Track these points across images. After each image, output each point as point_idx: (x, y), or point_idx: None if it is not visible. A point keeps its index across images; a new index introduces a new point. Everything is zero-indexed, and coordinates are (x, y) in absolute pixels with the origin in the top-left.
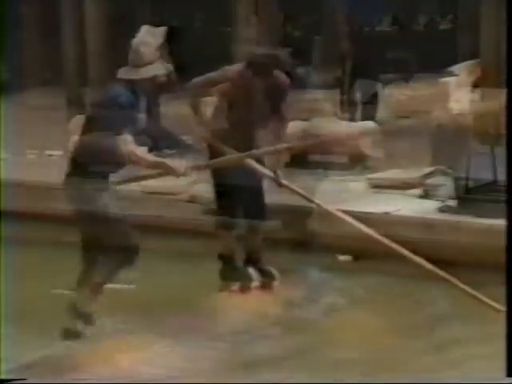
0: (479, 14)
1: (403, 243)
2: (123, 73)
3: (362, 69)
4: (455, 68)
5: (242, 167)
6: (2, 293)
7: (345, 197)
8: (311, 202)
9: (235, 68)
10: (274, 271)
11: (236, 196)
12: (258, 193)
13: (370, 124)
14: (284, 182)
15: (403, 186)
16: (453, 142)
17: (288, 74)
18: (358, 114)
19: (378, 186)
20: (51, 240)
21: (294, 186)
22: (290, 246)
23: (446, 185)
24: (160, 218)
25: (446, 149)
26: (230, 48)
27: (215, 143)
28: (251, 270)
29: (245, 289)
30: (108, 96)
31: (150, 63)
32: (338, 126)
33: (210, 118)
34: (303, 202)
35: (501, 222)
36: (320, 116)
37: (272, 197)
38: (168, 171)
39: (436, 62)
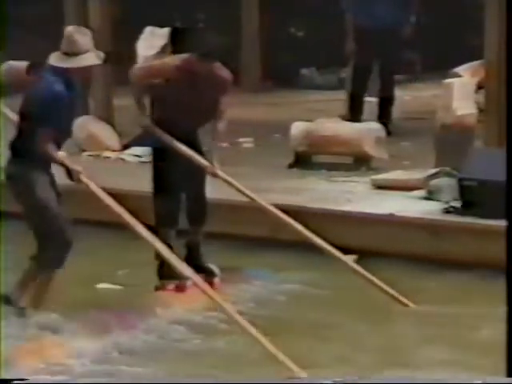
0: (483, 13)
1: (407, 245)
2: (56, 60)
3: (369, 69)
4: (459, 69)
5: (182, 162)
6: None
7: (349, 197)
8: (246, 195)
9: (178, 57)
10: (215, 268)
11: (176, 192)
12: (199, 189)
13: (374, 125)
14: (220, 172)
15: (407, 187)
16: (457, 143)
17: (231, 69)
18: (363, 114)
19: (382, 187)
20: None
21: (229, 178)
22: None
23: (450, 186)
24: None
25: (450, 150)
26: (232, 48)
27: (157, 132)
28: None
29: (180, 287)
30: (42, 88)
31: (85, 52)
32: (341, 127)
33: (151, 106)
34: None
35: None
36: (324, 117)
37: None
38: (66, 168)
39: (441, 63)
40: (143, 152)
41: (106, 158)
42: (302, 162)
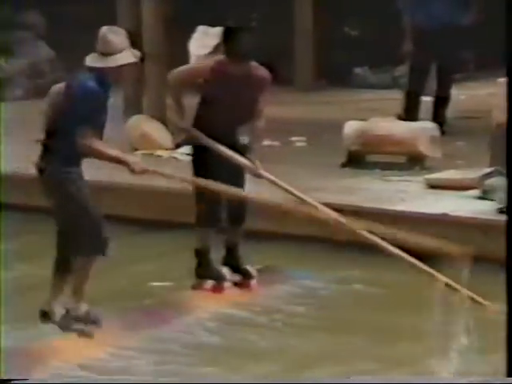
0: None
1: (461, 245)
2: (91, 61)
3: (426, 69)
4: None
5: (223, 162)
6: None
7: (402, 197)
8: (292, 194)
9: (213, 59)
10: (252, 270)
11: (218, 196)
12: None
13: (428, 124)
14: (263, 173)
15: (461, 187)
16: None
17: (270, 69)
18: (418, 114)
19: (436, 187)
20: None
21: (273, 177)
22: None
23: (504, 185)
24: None
25: (504, 149)
26: (285, 47)
27: (197, 134)
28: (225, 270)
29: (217, 288)
30: (76, 87)
31: (120, 51)
32: (395, 126)
33: (195, 110)
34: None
35: None
36: (377, 116)
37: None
38: (124, 166)
39: (494, 61)
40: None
41: (158, 157)
42: (356, 161)
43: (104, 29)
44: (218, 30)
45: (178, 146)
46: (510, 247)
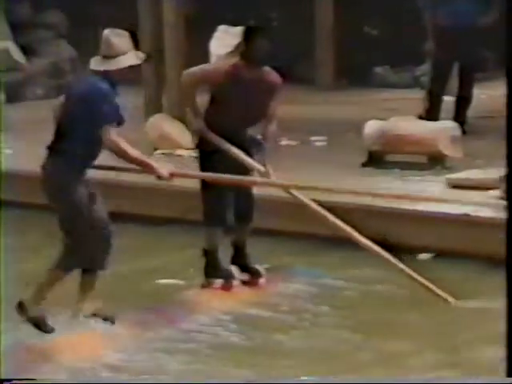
0: None
1: (482, 245)
2: (95, 64)
3: (449, 69)
4: None
5: (229, 159)
6: (2, 293)
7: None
8: (303, 202)
9: (229, 62)
10: (261, 269)
11: (224, 189)
12: (247, 189)
13: (449, 124)
14: (273, 176)
15: (483, 187)
16: None
17: (281, 72)
18: (439, 113)
19: (457, 187)
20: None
21: (279, 181)
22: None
23: None
24: None
25: None
26: (306, 46)
27: (210, 136)
28: (234, 268)
29: (226, 286)
30: (88, 88)
31: (123, 54)
32: (416, 126)
33: (205, 109)
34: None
35: None
36: (398, 115)
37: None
38: (151, 173)
39: None
40: None
41: (178, 157)
42: (376, 160)
43: (107, 31)
44: (238, 30)
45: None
46: (510, 247)
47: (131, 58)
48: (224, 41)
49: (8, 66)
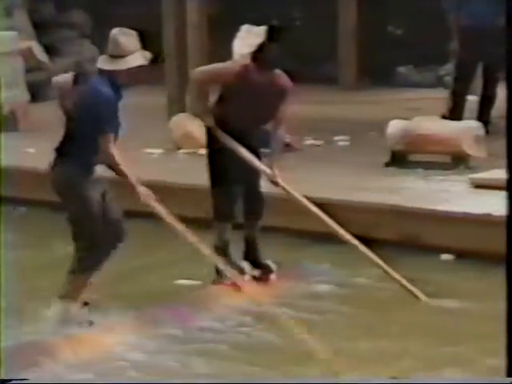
0: None
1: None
2: (102, 63)
3: (473, 69)
4: None
5: (240, 162)
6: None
7: (445, 197)
8: (308, 207)
9: (241, 62)
10: (272, 264)
11: (233, 185)
12: (255, 182)
13: (473, 123)
14: (280, 181)
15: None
16: None
17: (292, 76)
18: (463, 113)
19: (480, 186)
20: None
21: (289, 188)
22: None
23: None
24: None
25: None
26: (330, 46)
27: (220, 134)
28: (244, 264)
29: (237, 282)
30: (91, 91)
31: (130, 54)
32: (439, 126)
33: (213, 107)
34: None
35: None
36: (421, 115)
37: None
38: (131, 190)
39: None
40: None
41: (201, 156)
42: (399, 160)
43: (115, 31)
44: (261, 30)
45: None
46: (510, 246)
47: (138, 58)
48: (247, 40)
49: (31, 66)
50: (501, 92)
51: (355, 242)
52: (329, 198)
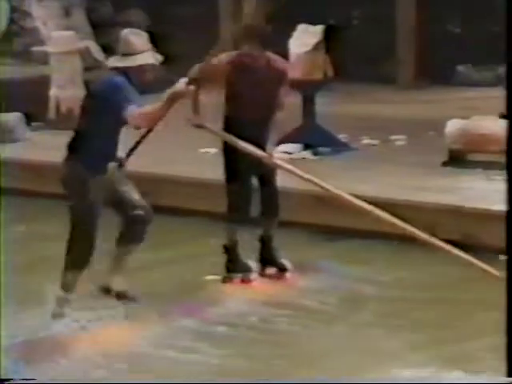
0: None
1: None
2: (113, 61)
3: None
4: None
5: (253, 158)
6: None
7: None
8: (315, 184)
9: (230, 53)
10: (287, 263)
11: (249, 186)
12: (271, 183)
13: None
14: (277, 161)
15: None
16: None
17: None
18: None
19: None
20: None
21: (290, 167)
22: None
23: None
24: None
25: None
26: (388, 46)
27: (212, 129)
28: (251, 262)
29: (245, 280)
30: (102, 84)
31: (140, 52)
32: (499, 125)
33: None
34: None
35: None
36: (480, 114)
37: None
38: (176, 97)
39: None
40: (294, 149)
41: None
42: (457, 160)
43: (126, 31)
44: (318, 29)
45: (277, 144)
46: (510, 245)
47: (149, 56)
48: (304, 40)
49: (89, 65)
50: None
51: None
52: (387, 197)
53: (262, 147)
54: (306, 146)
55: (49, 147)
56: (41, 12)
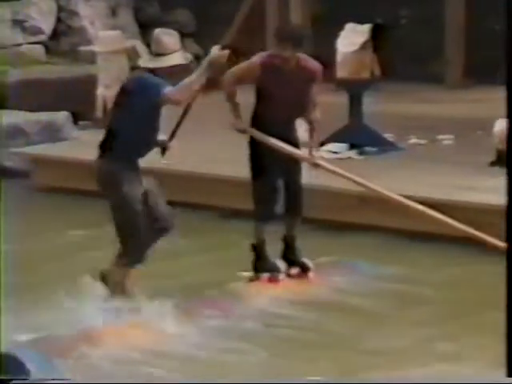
0: None
1: None
2: (144, 62)
3: None
4: None
5: (281, 159)
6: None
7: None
8: (356, 183)
9: (261, 55)
10: (309, 263)
11: (276, 185)
12: (296, 181)
13: None
14: (321, 162)
15: None
16: None
17: (321, 60)
18: None
19: None
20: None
21: (332, 167)
22: None
23: None
24: None
25: None
26: (436, 45)
27: (253, 132)
28: (280, 262)
29: (273, 280)
30: (132, 81)
31: (171, 53)
32: None
33: (253, 108)
34: None
35: None
36: None
37: None
38: (212, 63)
39: None
40: (340, 148)
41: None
42: (505, 160)
43: (158, 30)
44: (366, 28)
45: (322, 143)
46: (510, 245)
47: (179, 57)
48: (351, 39)
49: (135, 64)
50: None
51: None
52: (435, 197)
53: (293, 146)
54: (353, 146)
55: (96, 146)
56: (88, 11)
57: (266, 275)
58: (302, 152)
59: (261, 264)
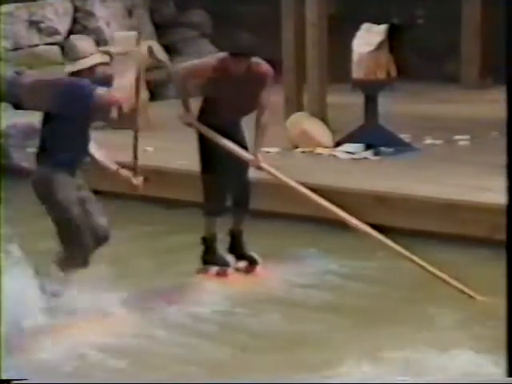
0: None
1: None
2: (67, 68)
3: None
4: None
5: (228, 153)
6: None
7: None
8: (296, 188)
9: (215, 57)
10: (257, 257)
11: (224, 182)
12: (243, 176)
13: None
14: (264, 165)
15: None
16: None
17: (272, 64)
18: None
19: None
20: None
21: (273, 170)
22: None
23: None
24: None
25: None
26: (452, 45)
27: (201, 128)
28: (229, 257)
29: (221, 273)
30: (59, 86)
31: (87, 56)
32: None
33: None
34: None
35: None
36: None
37: None
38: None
39: None
40: (356, 149)
41: (318, 155)
42: None
43: (71, 37)
44: (382, 28)
45: (338, 144)
46: (510, 244)
47: (97, 57)
48: (367, 39)
49: (152, 65)
50: None
51: (364, 227)
52: (450, 198)
53: (239, 146)
54: (368, 146)
55: (110, 146)
56: (104, 12)
57: (214, 269)
58: (246, 153)
59: (210, 257)
